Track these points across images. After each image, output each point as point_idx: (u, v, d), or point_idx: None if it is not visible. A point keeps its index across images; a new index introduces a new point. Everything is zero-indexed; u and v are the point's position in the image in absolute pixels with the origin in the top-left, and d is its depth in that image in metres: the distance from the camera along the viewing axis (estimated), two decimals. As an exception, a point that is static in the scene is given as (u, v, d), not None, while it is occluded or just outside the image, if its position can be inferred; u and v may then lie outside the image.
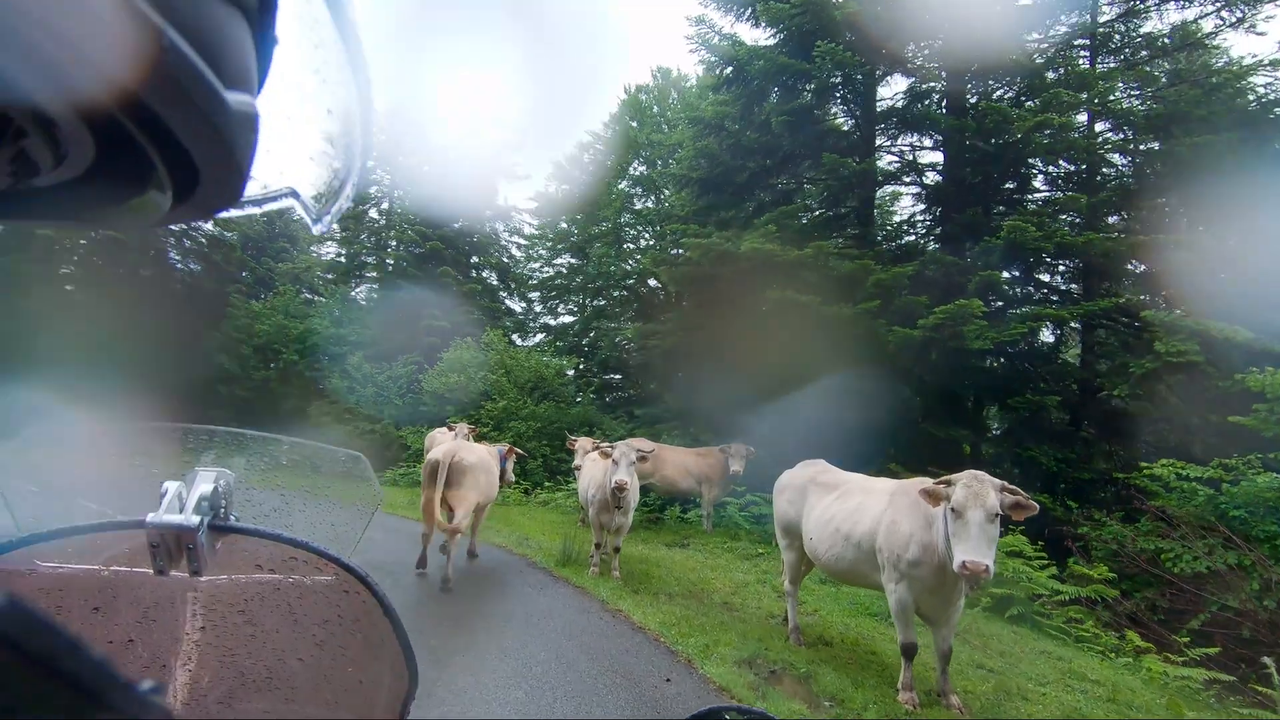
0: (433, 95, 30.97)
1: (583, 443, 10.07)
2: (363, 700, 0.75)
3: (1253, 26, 12.01)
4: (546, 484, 17.06)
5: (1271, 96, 11.00)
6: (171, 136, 0.29)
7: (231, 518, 0.70)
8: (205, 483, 0.66)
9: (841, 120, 13.86)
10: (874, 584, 4.64)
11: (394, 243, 27.92)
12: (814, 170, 13.99)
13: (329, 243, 30.54)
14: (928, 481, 4.22)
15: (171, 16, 0.25)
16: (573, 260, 30.46)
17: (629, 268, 27.99)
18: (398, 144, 27.70)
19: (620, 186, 28.42)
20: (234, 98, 0.29)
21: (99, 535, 0.65)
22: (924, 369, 10.14)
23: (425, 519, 6.88)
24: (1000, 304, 11.68)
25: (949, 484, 3.91)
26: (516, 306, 31.25)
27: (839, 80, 12.84)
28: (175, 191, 0.33)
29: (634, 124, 27.38)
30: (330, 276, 28.20)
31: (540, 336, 30.39)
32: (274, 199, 0.45)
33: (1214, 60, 12.91)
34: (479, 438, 15.20)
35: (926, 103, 13.17)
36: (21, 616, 0.15)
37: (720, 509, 10.56)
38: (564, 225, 29.93)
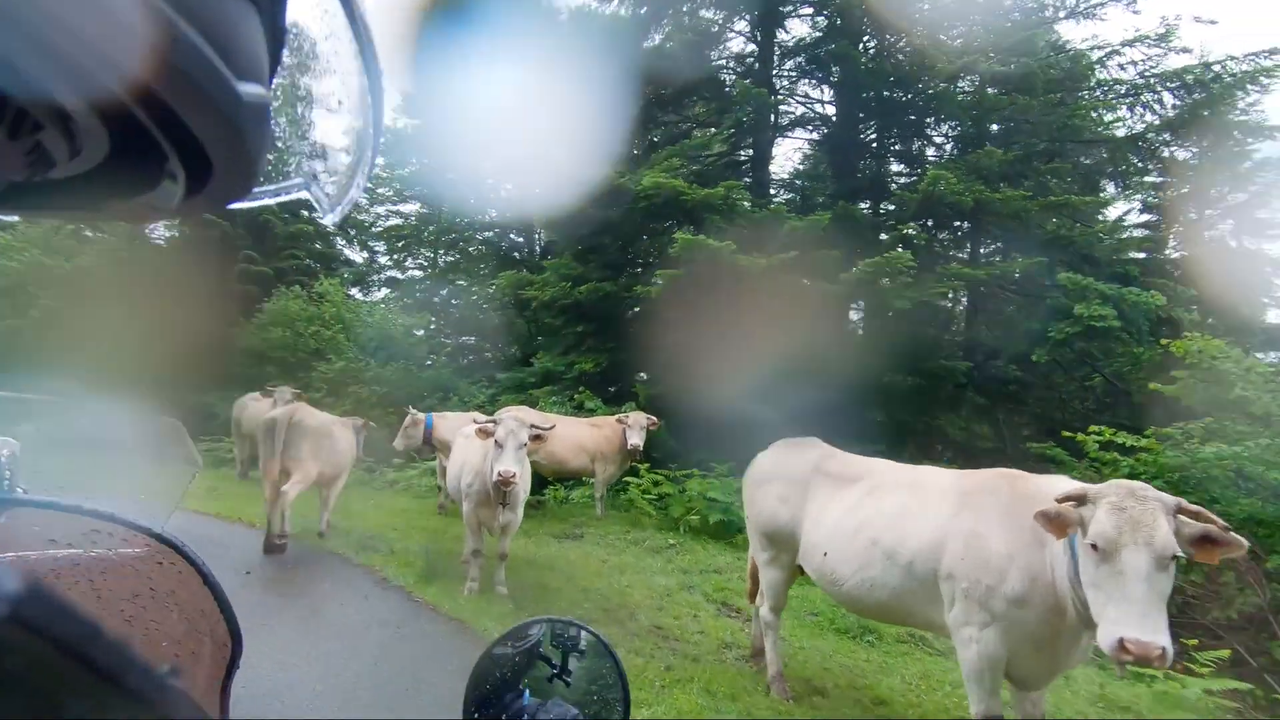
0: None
1: (454, 420, 8.10)
2: (182, 674, 0.69)
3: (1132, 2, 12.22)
4: (396, 461, 14.50)
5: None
6: (184, 128, 0.28)
7: (18, 490, 0.49)
8: None
9: (744, 51, 12.48)
10: (930, 624, 3.20)
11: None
12: (707, 108, 12.56)
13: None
14: (1028, 477, 2.87)
15: (183, 9, 0.25)
16: (423, 209, 27.17)
17: (492, 215, 25.30)
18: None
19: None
20: (246, 89, 0.29)
21: None
22: (845, 329, 9.16)
23: (268, 488, 6.38)
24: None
25: (1085, 501, 2.48)
26: (357, 257, 27.42)
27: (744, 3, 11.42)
28: (188, 182, 0.33)
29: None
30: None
31: (384, 292, 26.80)
32: (288, 190, 0.44)
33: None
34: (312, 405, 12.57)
35: (833, 46, 12.12)
36: (45, 603, 0.16)
37: (618, 490, 8.95)
38: (413, 167, 26.38)
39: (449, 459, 6.68)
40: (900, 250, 8.53)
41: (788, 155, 15.27)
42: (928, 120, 12.21)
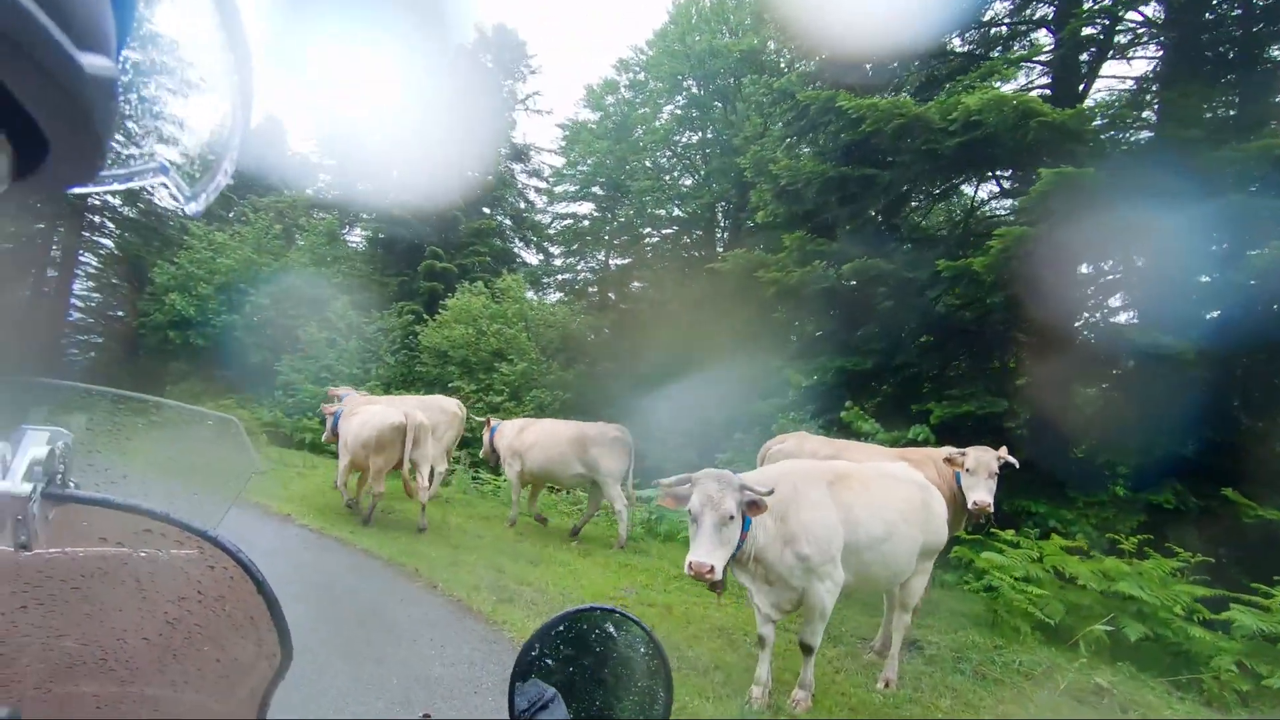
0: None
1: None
2: (221, 680, 0.72)
3: None
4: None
5: None
6: (13, 102, 0.25)
7: (70, 484, 0.58)
8: (37, 444, 0.55)
9: None
10: None
11: (394, 171, 23.19)
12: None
13: (322, 175, 26.04)
14: None
15: None
16: (596, 212, 25.91)
17: (685, 209, 23.24)
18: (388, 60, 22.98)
19: (668, 109, 23.63)
20: (89, 60, 0.27)
21: None
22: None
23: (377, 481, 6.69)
24: None
25: None
26: (532, 259, 26.60)
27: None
28: (19, 163, 0.30)
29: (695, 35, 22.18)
30: (323, 217, 23.43)
31: (557, 296, 25.57)
32: (140, 174, 0.41)
33: None
34: (493, 410, 10.86)
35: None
36: None
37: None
38: (591, 162, 25.07)
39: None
40: None
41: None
42: None
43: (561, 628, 0.99)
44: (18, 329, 19.00)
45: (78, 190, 0.35)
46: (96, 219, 20.72)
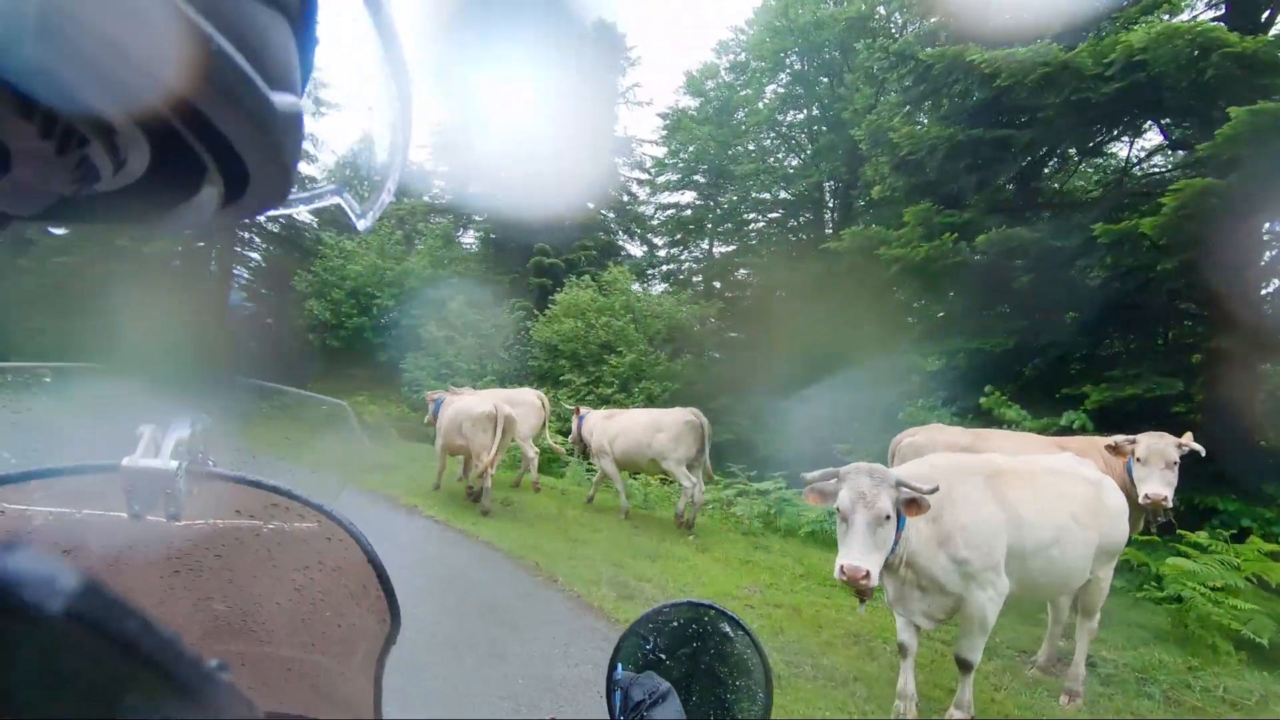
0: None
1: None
2: (341, 643, 0.78)
3: None
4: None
5: None
6: (222, 138, 0.29)
7: (209, 463, 0.66)
8: (181, 427, 0.62)
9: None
10: None
11: (502, 171, 23.91)
12: None
13: (436, 180, 27.28)
14: None
15: (218, 22, 0.26)
16: (698, 200, 25.53)
17: (791, 191, 22.44)
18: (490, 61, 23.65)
19: (771, 89, 22.87)
20: (279, 98, 0.30)
21: (72, 479, 0.65)
22: None
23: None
24: None
25: None
26: (636, 251, 26.61)
27: None
28: (226, 192, 0.34)
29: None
30: (439, 221, 24.66)
31: (662, 287, 25.35)
32: (320, 197, 0.45)
33: None
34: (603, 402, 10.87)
35: None
36: (101, 599, 0.16)
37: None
38: (693, 150, 24.69)
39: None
40: None
41: None
42: None
43: (658, 621, 0.98)
44: (188, 334, 21.22)
45: (269, 213, 0.38)
46: (246, 234, 22.85)
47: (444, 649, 3.61)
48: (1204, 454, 4.42)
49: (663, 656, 0.96)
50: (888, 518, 2.93)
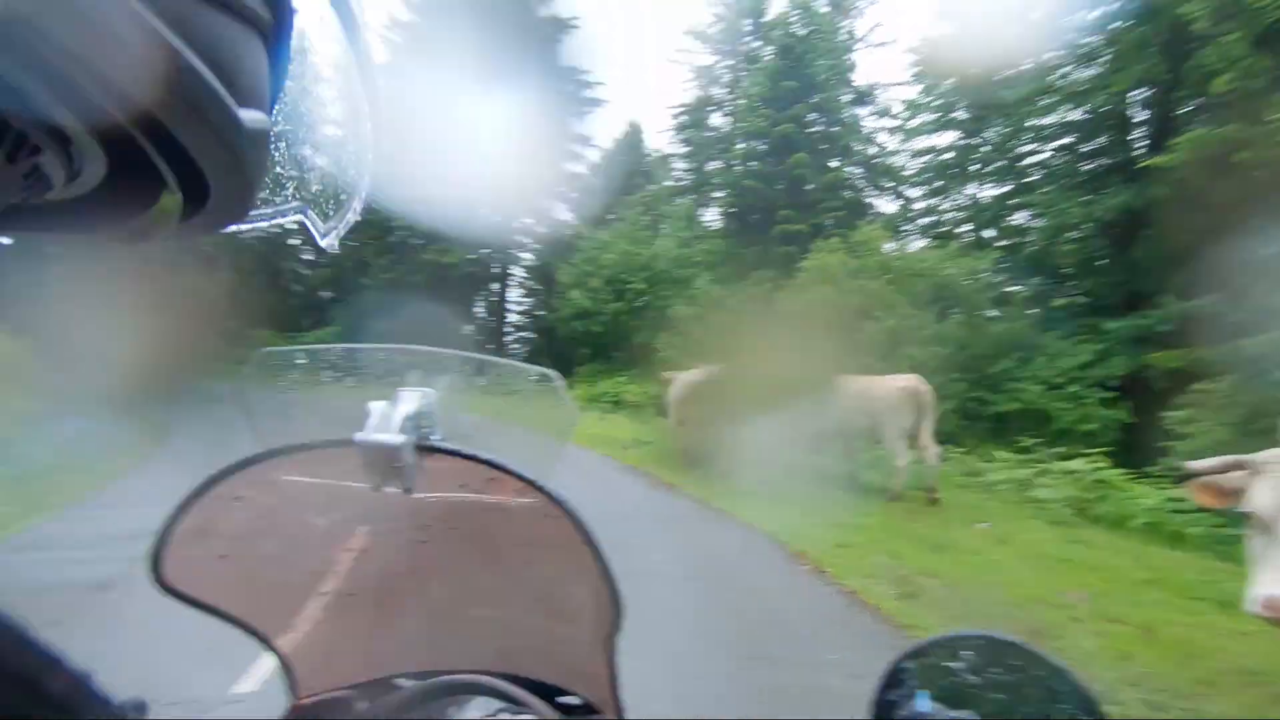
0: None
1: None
2: (571, 620, 0.80)
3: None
4: (958, 448, 10.76)
5: None
6: (184, 153, 0.29)
7: (434, 437, 0.69)
8: (409, 402, 0.66)
9: None
10: None
11: (740, 142, 23.52)
12: None
13: (675, 161, 27.85)
14: None
15: (188, 37, 0.26)
16: (960, 140, 22.27)
17: (1085, 109, 18.58)
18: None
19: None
20: (247, 115, 0.30)
21: (330, 451, 0.69)
22: None
23: None
24: None
25: None
26: (889, 207, 24.29)
27: None
28: (185, 206, 0.34)
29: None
30: (680, 202, 25.32)
31: (921, 243, 22.69)
32: (283, 213, 0.45)
33: None
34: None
35: None
36: (2, 633, 0.16)
37: None
38: (950, 83, 21.64)
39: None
40: None
41: None
42: None
43: (952, 647, 0.85)
44: (473, 330, 24.59)
45: (228, 229, 0.38)
46: (518, 239, 25.81)
47: (702, 642, 3.39)
48: None
49: (965, 691, 0.82)
50: None
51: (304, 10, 0.35)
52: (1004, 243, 20.36)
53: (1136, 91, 18.03)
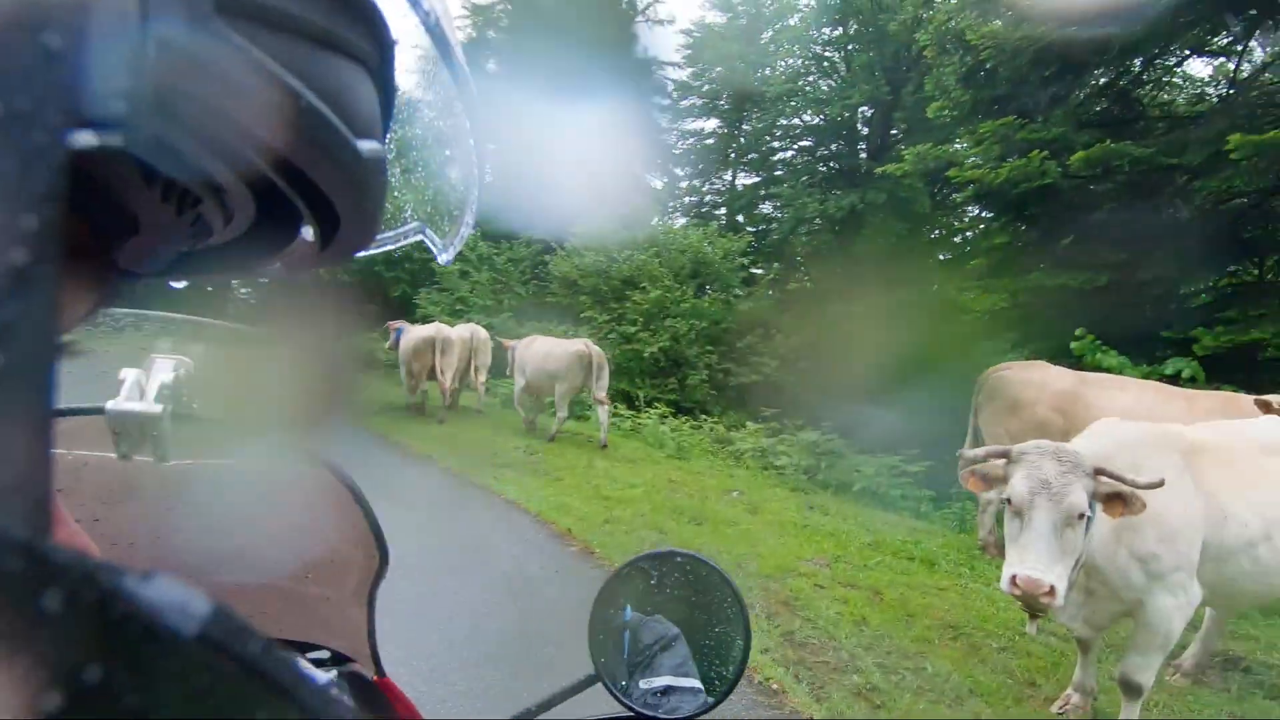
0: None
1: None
2: (335, 576, 0.83)
3: None
4: (709, 416, 11.56)
5: None
6: (315, 188, 0.31)
7: (193, 405, 0.68)
8: (164, 371, 0.63)
9: None
10: None
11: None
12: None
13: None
14: None
15: (306, 80, 0.28)
16: (721, 128, 23.88)
17: (825, 115, 20.80)
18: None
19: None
20: (364, 145, 0.31)
21: (61, 421, 0.65)
22: None
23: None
24: None
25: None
26: (656, 183, 25.22)
27: None
28: (320, 238, 0.36)
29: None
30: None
31: (683, 221, 23.99)
32: (405, 235, 0.48)
33: None
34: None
35: None
36: (230, 623, 0.17)
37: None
38: (720, 71, 22.97)
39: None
40: None
41: None
42: None
43: (645, 567, 0.97)
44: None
45: (359, 254, 0.40)
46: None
47: (474, 643, 2.94)
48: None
49: (655, 605, 0.95)
50: (1082, 516, 2.14)
51: (403, 41, 0.36)
52: (752, 230, 22.34)
53: (865, 109, 20.83)
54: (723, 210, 24.26)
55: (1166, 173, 6.44)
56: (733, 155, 24.12)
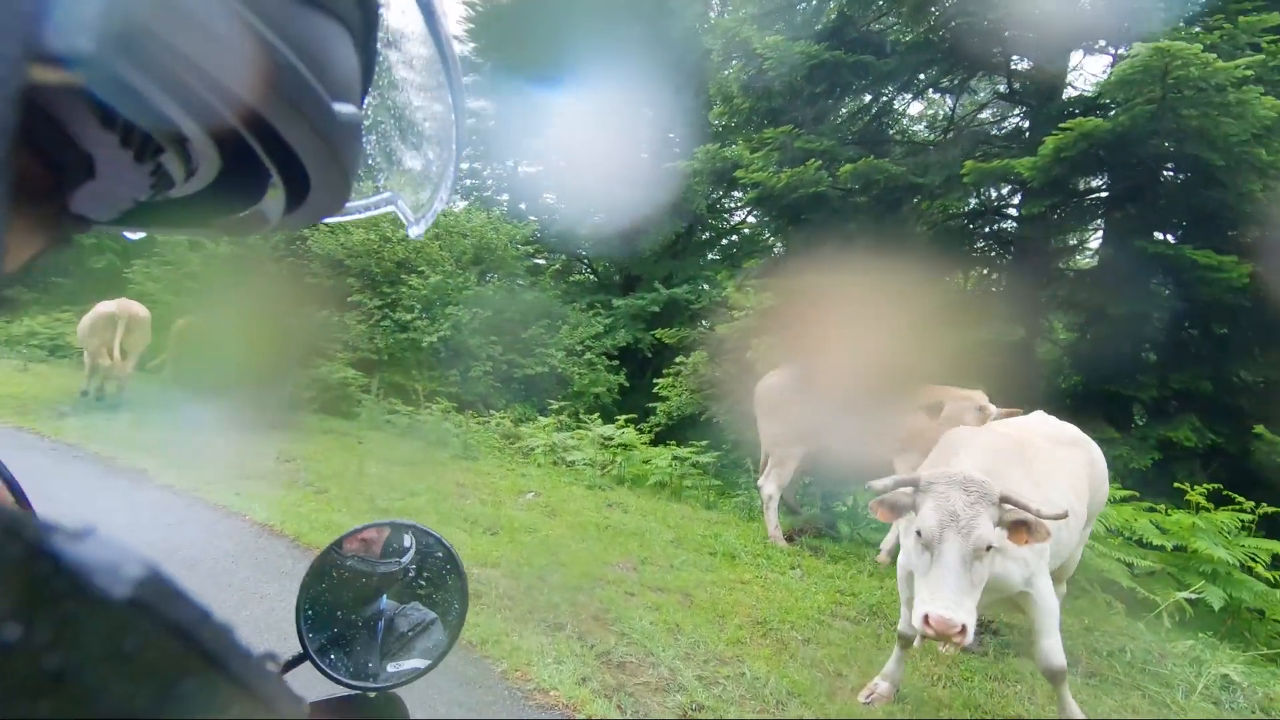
0: None
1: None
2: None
3: None
4: (495, 411, 11.06)
5: None
6: (286, 147, 0.30)
7: None
8: None
9: None
10: None
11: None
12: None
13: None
14: None
15: (285, 36, 0.27)
16: (501, 112, 23.10)
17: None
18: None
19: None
20: (340, 108, 0.31)
21: None
22: None
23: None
24: None
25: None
26: (416, 163, 23.52)
27: None
28: (288, 199, 0.35)
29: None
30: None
31: (463, 204, 22.82)
32: (377, 204, 0.46)
33: None
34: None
35: None
36: (159, 586, 0.17)
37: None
38: (506, 51, 22.11)
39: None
40: None
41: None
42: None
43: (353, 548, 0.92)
44: None
45: (328, 220, 0.37)
46: None
47: None
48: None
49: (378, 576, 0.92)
50: (989, 548, 2.10)
51: (389, 6, 0.34)
52: (536, 218, 21.90)
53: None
54: (505, 196, 23.48)
55: (910, 190, 7.33)
56: (513, 140, 23.43)
